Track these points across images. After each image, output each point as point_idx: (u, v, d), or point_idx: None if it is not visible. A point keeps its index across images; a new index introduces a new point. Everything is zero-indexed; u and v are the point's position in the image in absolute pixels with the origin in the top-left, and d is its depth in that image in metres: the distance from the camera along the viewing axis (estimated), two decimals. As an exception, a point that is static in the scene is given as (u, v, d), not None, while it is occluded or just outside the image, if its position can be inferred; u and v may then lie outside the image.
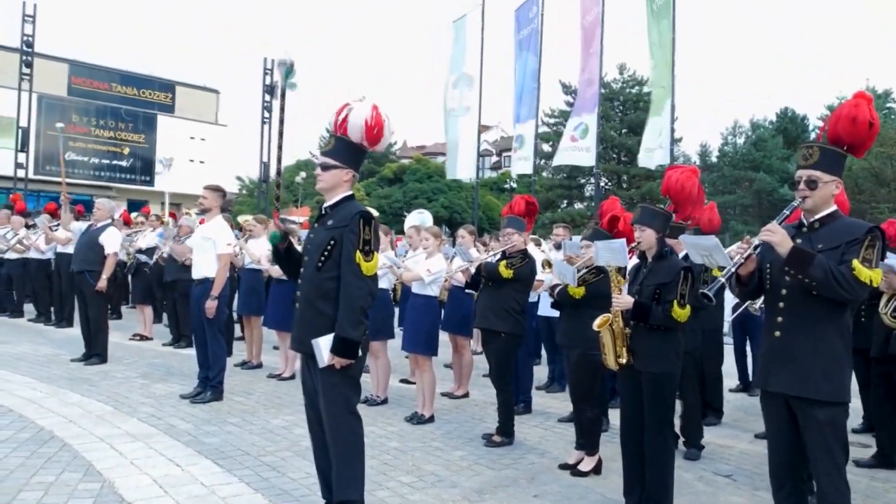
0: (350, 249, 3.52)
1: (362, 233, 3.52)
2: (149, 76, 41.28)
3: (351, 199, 3.72)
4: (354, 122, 3.65)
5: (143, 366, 8.25)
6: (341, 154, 3.70)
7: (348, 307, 3.49)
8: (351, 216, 3.57)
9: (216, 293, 6.54)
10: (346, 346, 3.49)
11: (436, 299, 6.36)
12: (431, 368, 6.34)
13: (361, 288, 3.51)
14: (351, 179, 3.73)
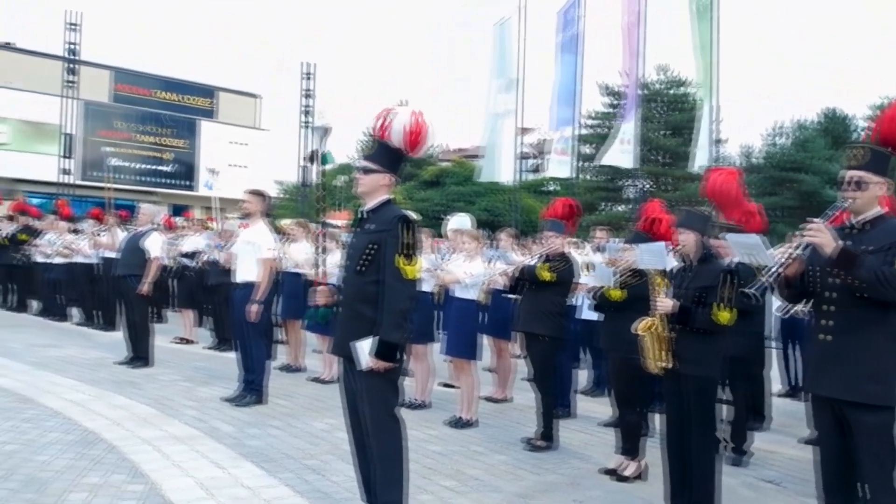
0: (391, 253, 3.57)
1: (403, 237, 3.58)
2: (190, 82, 42.15)
3: (390, 203, 3.79)
4: (395, 127, 3.72)
5: (187, 369, 8.45)
6: (381, 158, 3.77)
7: (390, 311, 3.55)
8: (391, 220, 3.63)
9: (260, 297, 6.67)
10: (387, 349, 3.55)
11: (475, 303, 6.40)
12: (473, 372, 6.38)
13: (403, 292, 3.57)
14: (390, 184, 3.79)
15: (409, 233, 3.61)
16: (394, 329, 3.54)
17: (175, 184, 39.58)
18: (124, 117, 37.94)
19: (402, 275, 3.56)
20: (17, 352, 9.00)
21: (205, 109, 41.74)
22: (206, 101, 41.92)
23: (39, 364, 8.27)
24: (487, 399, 7.29)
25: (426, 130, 3.75)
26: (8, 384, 7.11)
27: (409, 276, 3.58)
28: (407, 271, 3.56)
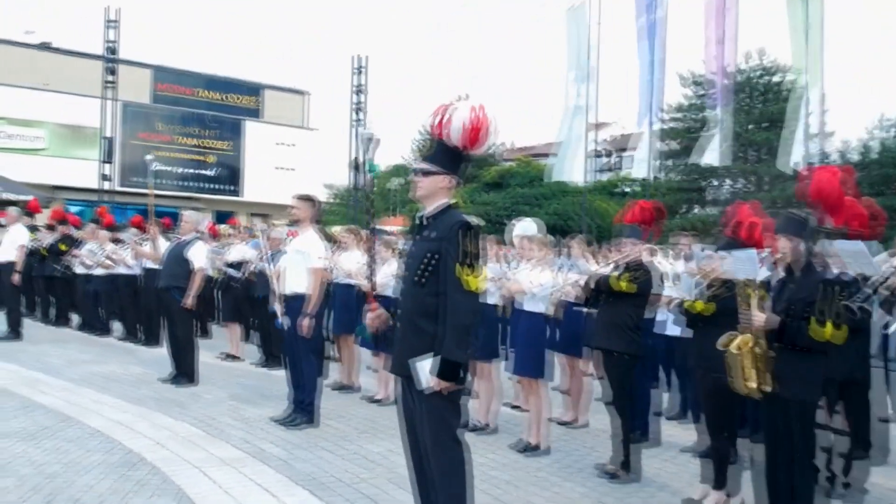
0: (452, 263, 3.61)
1: (465, 244, 3.62)
2: (235, 79, 43.22)
3: (452, 207, 3.83)
4: (454, 123, 3.75)
5: (233, 387, 8.68)
6: (440, 159, 3.82)
7: (452, 326, 3.59)
8: (452, 226, 3.67)
9: (310, 310, 6.82)
10: (449, 367, 3.58)
11: (544, 317, 6.40)
12: (542, 393, 6.38)
13: (466, 304, 3.60)
14: (451, 186, 3.84)
15: (472, 240, 3.64)
16: (456, 346, 3.58)
17: (219, 189, 40.60)
18: (165, 118, 39.12)
19: (465, 286, 3.59)
20: (58, 368, 9.41)
21: (250, 109, 42.72)
22: (251, 99, 42.91)
23: (81, 381, 8.63)
24: (558, 422, 7.27)
25: (488, 126, 3.77)
26: (49, 402, 7.44)
27: (472, 288, 3.61)
28: (469, 282, 3.59)
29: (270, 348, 10.12)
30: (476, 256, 3.65)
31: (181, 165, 39.35)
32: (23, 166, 31.86)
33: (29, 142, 34.61)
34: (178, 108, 39.73)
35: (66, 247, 13.78)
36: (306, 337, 6.85)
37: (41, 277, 14.26)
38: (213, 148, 40.28)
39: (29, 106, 34.00)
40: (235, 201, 40.05)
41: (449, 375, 3.59)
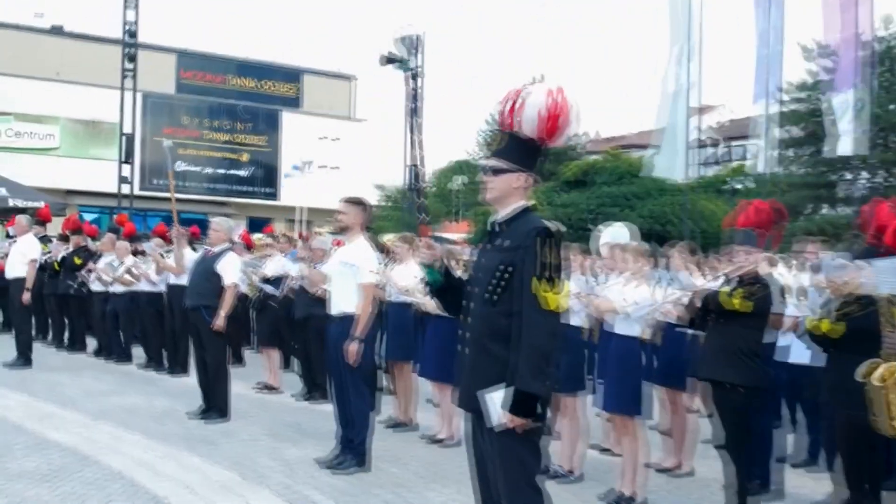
0: (529, 276, 3.59)
1: (544, 255, 3.60)
2: (270, 64, 44.08)
3: (529, 211, 3.82)
4: (528, 112, 3.73)
5: (271, 423, 8.80)
6: (513, 153, 3.81)
7: (528, 351, 3.56)
8: (528, 233, 3.65)
9: (360, 334, 6.87)
10: (525, 401, 3.55)
11: (638, 341, 6.33)
12: (638, 433, 6.30)
13: (544, 326, 3.57)
14: (527, 185, 3.83)
15: (553, 249, 3.62)
16: (532, 375, 3.55)
17: (253, 191, 41.38)
18: (192, 111, 40.10)
19: (543, 304, 3.57)
20: (73, 400, 9.68)
21: (288, 97, 43.49)
22: (289, 86, 43.69)
23: (99, 415, 8.85)
24: (657, 469, 7.17)
25: (568, 112, 3.75)
26: (64, 439, 7.66)
27: (553, 307, 3.58)
28: (549, 300, 3.57)
29: (314, 378, 10.22)
30: (557, 269, 3.62)
31: (210, 165, 40.18)
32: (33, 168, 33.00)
33: (39, 140, 35.91)
34: (205, 99, 40.67)
35: (81, 260, 14.12)
36: (355, 365, 6.89)
37: (53, 296, 14.67)
38: (246, 144, 41.08)
39: (39, 99, 35.27)
40: (272, 206, 40.72)
41: (524, 410, 3.56)
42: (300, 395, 10.38)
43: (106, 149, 34.40)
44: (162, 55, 38.89)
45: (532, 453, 3.71)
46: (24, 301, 12.16)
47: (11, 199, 19.20)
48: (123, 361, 13.06)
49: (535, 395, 3.56)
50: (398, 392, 9.08)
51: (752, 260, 5.61)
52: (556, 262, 3.62)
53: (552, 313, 3.60)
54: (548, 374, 3.58)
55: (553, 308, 3.59)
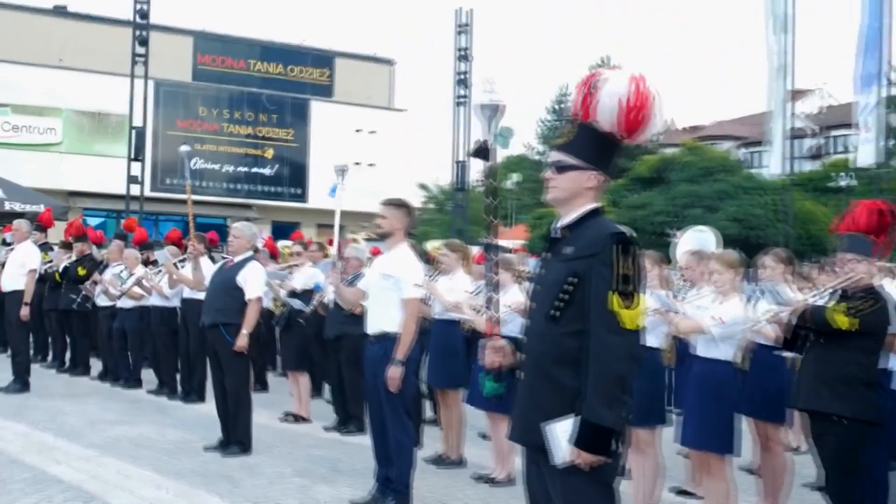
0: (602, 290, 3.56)
1: (620, 265, 3.56)
2: (299, 47, 44.48)
3: (599, 214, 3.79)
4: (605, 100, 3.70)
5: (300, 458, 8.81)
6: (585, 148, 3.78)
7: (599, 377, 3.53)
8: (601, 240, 3.62)
9: (402, 356, 6.85)
10: (595, 435, 3.52)
11: (730, 366, 6.24)
12: (725, 473, 6.20)
13: (620, 348, 3.54)
14: (598, 186, 3.80)
15: (629, 259, 3.59)
16: (605, 404, 3.52)
17: (278, 192, 41.71)
18: (210, 101, 40.55)
19: (619, 322, 3.54)
20: (76, 430, 9.78)
21: (318, 85, 43.83)
22: (320, 72, 44.02)
23: (105, 447, 8.92)
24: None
25: (652, 104, 3.72)
26: (66, 475, 7.73)
27: (629, 325, 3.55)
28: (625, 317, 3.54)
29: (348, 407, 10.22)
30: (635, 281, 3.59)
31: (230, 162, 40.57)
32: (32, 167, 33.55)
33: (39, 135, 36.56)
34: (225, 87, 41.11)
35: (85, 271, 14.31)
36: (395, 392, 6.87)
37: (54, 311, 14.86)
38: (271, 138, 41.43)
39: (39, 89, 35.88)
40: (300, 209, 40.95)
41: (594, 445, 3.53)
42: (332, 427, 10.40)
43: (114, 144, 34.94)
44: (177, 38, 39.41)
45: (604, 496, 3.68)
46: (22, 317, 12.29)
47: (8, 203, 19.50)
48: (132, 386, 13.18)
49: (607, 428, 3.51)
50: (444, 423, 9.04)
51: (864, 270, 5.49)
52: (634, 272, 3.59)
53: (630, 332, 3.57)
54: (623, 403, 3.54)
55: (631, 327, 3.56)
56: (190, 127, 39.25)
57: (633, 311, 3.56)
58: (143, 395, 12.73)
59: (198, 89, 40.50)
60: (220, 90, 40.83)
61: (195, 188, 35.14)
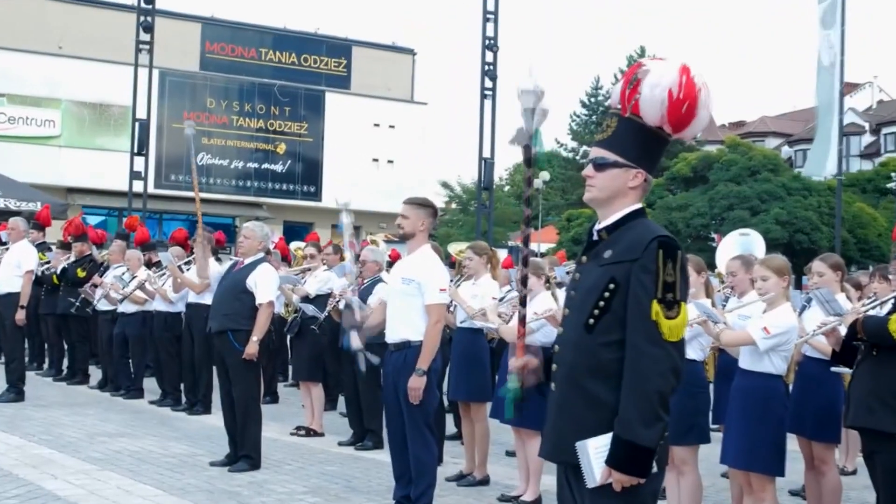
0: (642, 298, 3.53)
1: (663, 272, 3.53)
2: (314, 34, 44.58)
3: (640, 215, 3.76)
4: (649, 93, 3.66)
5: (312, 475, 8.81)
6: (627, 144, 3.74)
7: (638, 393, 3.50)
8: (644, 244, 3.59)
9: (424, 365, 6.83)
10: (631, 454, 3.49)
11: (778, 380, 6.20)
12: (773, 496, 6.17)
13: (661, 361, 3.50)
14: (642, 186, 3.76)
15: (674, 265, 3.55)
16: (643, 422, 3.48)
17: (291, 190, 41.80)
18: (219, 92, 40.70)
19: (660, 333, 3.50)
20: (74, 443, 9.81)
21: (334, 75, 43.90)
22: (336, 62, 44.09)
23: (104, 461, 8.95)
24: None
25: (702, 95, 3.68)
26: (62, 490, 7.75)
27: (671, 337, 3.52)
28: (667, 328, 3.51)
29: (364, 420, 10.22)
30: (678, 289, 3.56)
31: (240, 157, 40.68)
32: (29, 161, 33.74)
33: (37, 127, 36.77)
34: (235, 78, 41.24)
35: (84, 273, 14.39)
36: (417, 404, 6.86)
37: (51, 315, 14.97)
38: (283, 133, 41.50)
39: (37, 78, 36.08)
40: (313, 208, 41.01)
41: (629, 465, 3.49)
42: (347, 441, 10.40)
43: (115, 138, 35.17)
44: (184, 25, 39.58)
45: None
46: (17, 321, 12.35)
47: (3, 200, 19.61)
48: (133, 396, 13.25)
49: (645, 448, 3.48)
50: (467, 439, 9.03)
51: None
52: (678, 280, 3.56)
53: (672, 345, 3.53)
54: (662, 421, 3.51)
55: (673, 338, 3.53)
56: (197, 120, 39.24)
57: (675, 321, 3.52)
58: (145, 405, 12.79)
59: (206, 79, 40.66)
60: (230, 80, 40.97)
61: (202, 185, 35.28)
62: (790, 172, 46.87)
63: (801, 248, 38.42)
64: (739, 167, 43.93)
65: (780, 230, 39.65)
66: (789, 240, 39.71)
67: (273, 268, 9.60)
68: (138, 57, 24.12)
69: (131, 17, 25.57)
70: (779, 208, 41.16)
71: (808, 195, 42.68)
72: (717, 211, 42.64)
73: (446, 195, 63.50)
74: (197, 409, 12.02)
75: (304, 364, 11.38)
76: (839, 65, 20.17)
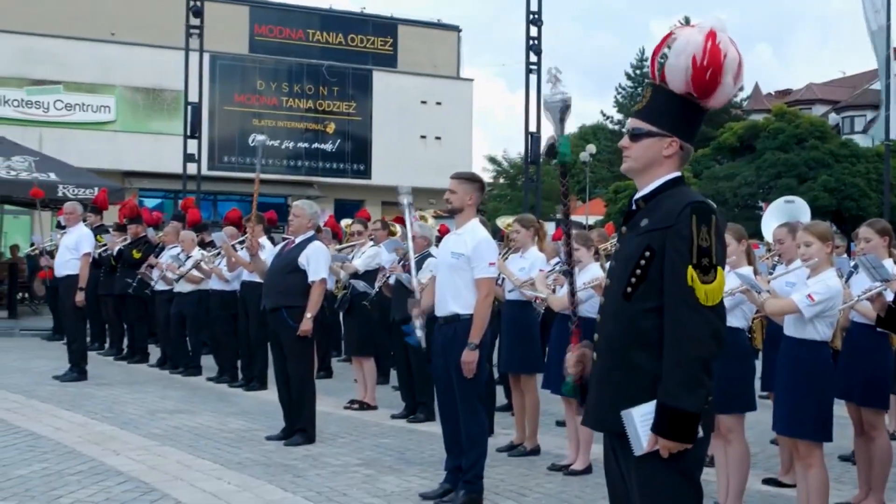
0: (678, 264, 3.51)
1: (697, 237, 3.50)
2: (360, 14, 44.54)
3: (679, 183, 3.74)
4: (675, 61, 3.62)
5: (366, 448, 8.88)
6: (659, 113, 3.72)
7: (679, 358, 3.48)
8: (677, 211, 3.56)
9: (476, 339, 6.83)
10: (676, 421, 3.47)
11: (825, 347, 6.14)
12: (821, 462, 6.13)
13: (703, 326, 3.48)
14: (678, 154, 3.73)
15: (708, 229, 3.52)
16: (686, 388, 3.46)
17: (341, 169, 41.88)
18: (268, 74, 40.80)
19: (698, 299, 3.48)
20: (134, 420, 9.99)
21: (381, 54, 43.84)
22: (382, 41, 44.02)
23: (164, 437, 9.10)
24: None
25: (727, 61, 3.61)
26: (124, 465, 7.89)
27: (709, 301, 3.49)
28: (704, 292, 3.48)
29: (416, 393, 10.27)
30: (714, 254, 3.53)
31: (290, 138, 40.79)
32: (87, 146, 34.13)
33: (93, 113, 37.12)
34: (284, 59, 41.31)
35: (140, 254, 14.56)
36: (469, 378, 6.87)
37: (110, 296, 15.16)
38: (332, 112, 41.54)
39: (91, 65, 36.41)
40: (363, 185, 41.10)
41: (674, 432, 3.48)
42: (399, 414, 10.46)
43: (169, 121, 35.40)
44: (232, 8, 39.68)
45: (686, 486, 3.62)
46: (77, 303, 12.56)
47: (62, 187, 19.80)
48: (191, 374, 13.42)
49: (689, 413, 3.46)
50: (518, 410, 9.04)
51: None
52: (713, 244, 3.53)
53: (710, 309, 3.50)
54: (705, 387, 3.48)
55: (711, 303, 3.49)
56: (247, 101, 39.58)
57: (712, 286, 3.49)
58: (202, 382, 12.96)
59: (255, 62, 40.74)
60: (279, 62, 41.04)
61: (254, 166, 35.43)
62: (837, 139, 46.21)
63: (850, 216, 37.94)
64: (786, 135, 43.35)
65: (829, 197, 39.15)
66: (838, 207, 39.20)
67: (324, 245, 9.64)
68: (189, 41, 24.22)
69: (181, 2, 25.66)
70: (826, 175, 40.62)
71: (857, 162, 42.10)
72: (765, 180, 42.15)
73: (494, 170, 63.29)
74: (253, 386, 12.15)
75: (354, 339, 11.45)
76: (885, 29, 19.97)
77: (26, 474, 7.51)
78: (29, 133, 31.85)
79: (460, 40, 47.23)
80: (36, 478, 7.40)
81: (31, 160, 21.14)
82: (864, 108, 59.25)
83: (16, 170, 20.44)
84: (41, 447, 8.56)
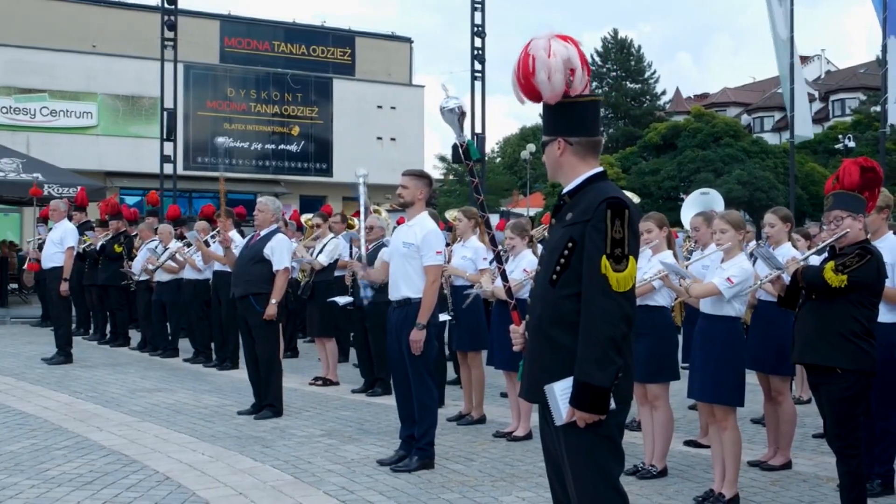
0: (594, 254, 3.54)
1: (611, 230, 3.53)
2: (321, 27, 44.33)
3: (599, 179, 3.76)
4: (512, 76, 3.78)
5: (329, 420, 8.87)
6: (545, 123, 3.86)
7: (592, 339, 3.51)
8: (594, 206, 3.59)
9: (423, 320, 6.86)
10: (589, 394, 3.50)
11: (737, 322, 6.20)
12: (735, 424, 6.19)
13: (610, 311, 3.51)
14: (569, 149, 3.77)
15: (620, 222, 3.56)
16: (597, 365, 3.49)
17: (305, 167, 41.70)
18: (238, 82, 40.49)
19: (610, 285, 3.51)
20: (116, 398, 9.89)
21: (340, 64, 43.66)
22: (341, 52, 43.83)
23: (144, 414, 9.03)
24: (756, 464, 7.06)
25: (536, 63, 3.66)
26: (106, 440, 7.82)
27: (620, 288, 3.52)
28: (616, 280, 3.51)
29: (374, 370, 10.27)
30: (626, 244, 3.56)
31: (259, 140, 40.58)
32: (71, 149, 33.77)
33: (77, 119, 36.67)
34: (251, 68, 41.02)
35: (121, 248, 14.47)
36: (418, 354, 6.89)
37: (94, 286, 15.04)
38: (296, 116, 41.35)
39: (75, 74, 36.00)
40: (326, 183, 41.00)
41: (588, 404, 3.51)
42: (359, 389, 10.45)
43: (147, 126, 35.06)
44: (204, 22, 39.38)
45: (608, 450, 3.64)
46: (61, 292, 12.45)
47: (47, 186, 19.63)
48: (169, 356, 13.32)
49: (601, 387, 3.49)
50: (465, 383, 9.07)
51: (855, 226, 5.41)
52: (625, 236, 3.56)
53: (621, 295, 3.53)
54: (613, 363, 3.50)
55: (622, 289, 3.53)
56: (219, 107, 39.30)
57: (623, 273, 3.53)
58: (179, 363, 12.87)
59: (225, 71, 40.48)
60: (247, 71, 40.79)
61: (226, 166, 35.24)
62: (749, 138, 46.83)
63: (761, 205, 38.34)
64: (704, 134, 43.82)
65: (742, 189, 39.58)
66: (749, 198, 39.62)
67: (287, 237, 9.62)
68: (164, 52, 23.98)
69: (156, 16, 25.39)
70: (740, 170, 41.10)
71: (766, 157, 42.71)
72: (685, 174, 42.57)
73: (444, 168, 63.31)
74: (226, 366, 12.12)
75: (317, 322, 11.42)
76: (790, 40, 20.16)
77: (16, 449, 7.43)
78: (17, 137, 31.64)
79: (412, 51, 47.21)
80: (25, 452, 7.33)
81: (18, 162, 21.17)
82: (772, 110, 60.79)
83: (4, 171, 20.39)
84: (30, 424, 8.49)
